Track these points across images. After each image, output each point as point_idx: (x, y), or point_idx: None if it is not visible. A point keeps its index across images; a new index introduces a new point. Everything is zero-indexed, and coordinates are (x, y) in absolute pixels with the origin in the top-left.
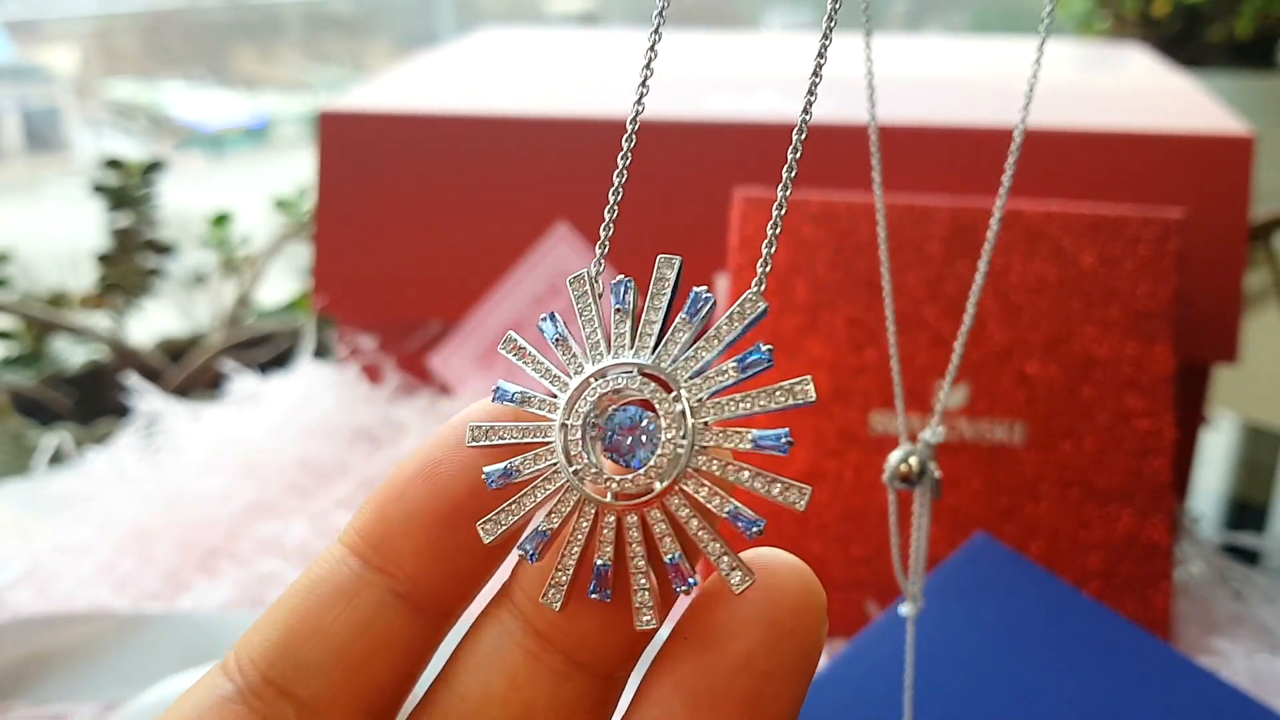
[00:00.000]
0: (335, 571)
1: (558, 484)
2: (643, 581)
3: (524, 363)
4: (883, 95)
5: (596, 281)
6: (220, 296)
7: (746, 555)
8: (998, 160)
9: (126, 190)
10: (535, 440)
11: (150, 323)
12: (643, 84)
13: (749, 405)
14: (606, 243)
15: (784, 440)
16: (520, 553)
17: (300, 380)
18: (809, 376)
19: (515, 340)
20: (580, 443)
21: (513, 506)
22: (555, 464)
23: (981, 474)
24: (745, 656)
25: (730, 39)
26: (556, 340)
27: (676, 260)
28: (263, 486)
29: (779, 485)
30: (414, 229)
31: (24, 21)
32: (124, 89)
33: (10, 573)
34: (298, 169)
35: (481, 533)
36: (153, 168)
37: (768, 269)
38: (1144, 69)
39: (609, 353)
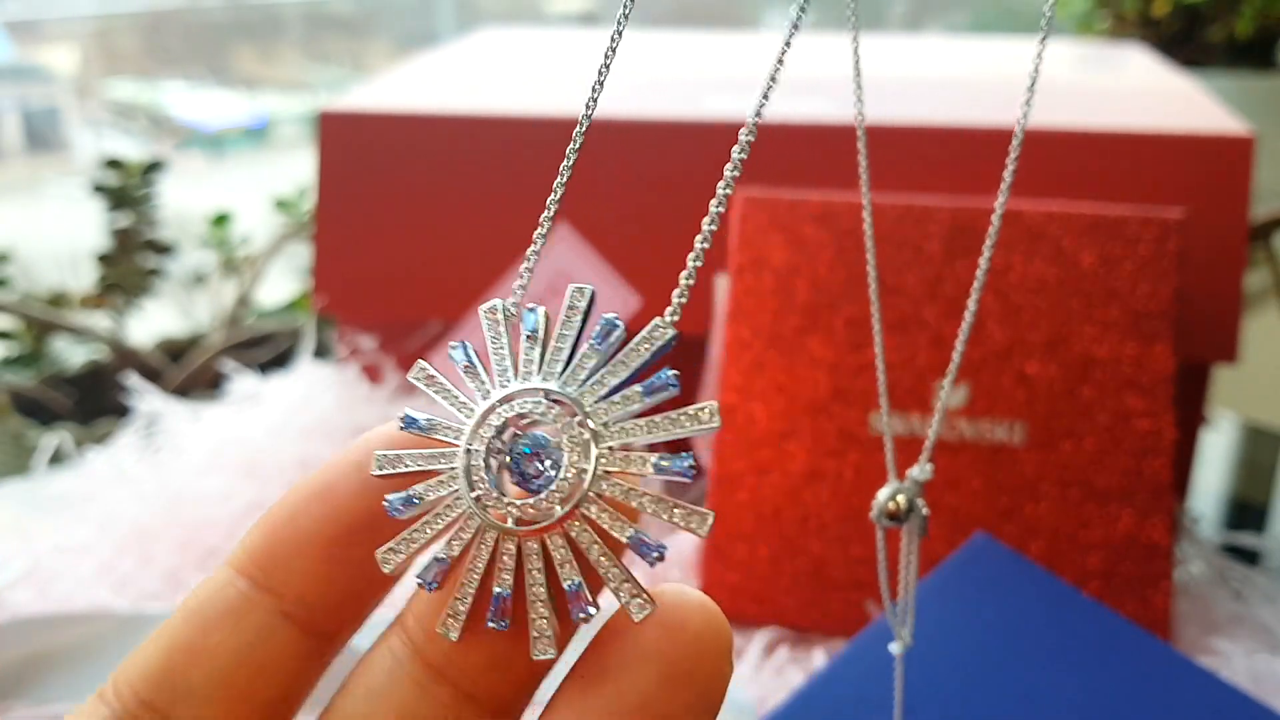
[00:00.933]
0: (221, 593)
1: (459, 510)
2: (541, 610)
3: (433, 390)
4: (883, 95)
5: (510, 311)
6: (220, 296)
7: (653, 590)
8: (998, 160)
9: (126, 190)
10: (440, 467)
11: (150, 323)
12: (597, 83)
13: (653, 431)
14: (527, 272)
15: (687, 465)
16: (418, 582)
17: (300, 380)
18: (714, 403)
19: (425, 369)
20: (483, 468)
21: (413, 535)
22: (456, 490)
23: (981, 474)
24: (642, 697)
25: (730, 39)
26: (466, 368)
27: (589, 289)
28: (263, 486)
29: (680, 511)
30: (414, 229)
31: (24, 21)
32: (124, 89)
33: (10, 573)
34: (298, 169)
35: (381, 562)
36: (153, 168)
37: (692, 281)
38: (1144, 69)
39: (516, 378)
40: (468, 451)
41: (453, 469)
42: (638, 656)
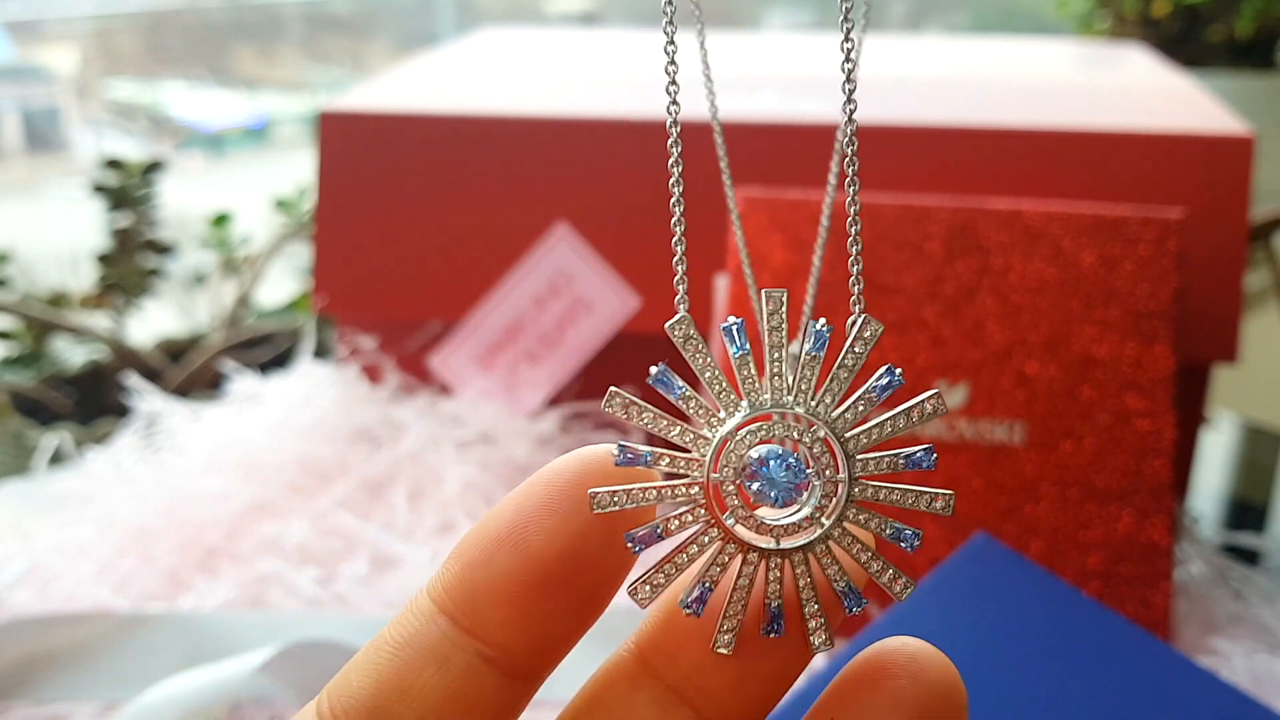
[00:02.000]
0: (426, 630)
1: (712, 538)
2: (815, 608)
3: (640, 419)
4: (883, 95)
5: (694, 326)
6: (220, 296)
7: (888, 644)
8: (998, 160)
9: (126, 190)
10: (672, 499)
11: (150, 323)
12: (671, 84)
13: (892, 429)
14: (681, 284)
15: (931, 453)
16: (687, 611)
17: (300, 380)
18: (938, 391)
19: (622, 397)
20: (734, 494)
21: (667, 567)
22: (709, 519)
23: (981, 474)
24: None
25: (730, 39)
26: (681, 397)
27: (783, 294)
28: (263, 486)
29: (927, 497)
30: (414, 229)
31: (24, 21)
32: (124, 89)
33: (10, 573)
34: (298, 169)
35: (635, 596)
36: (153, 168)
37: (861, 286)
38: (1144, 69)
39: (742, 399)
40: (710, 478)
41: (694, 497)
42: (887, 704)
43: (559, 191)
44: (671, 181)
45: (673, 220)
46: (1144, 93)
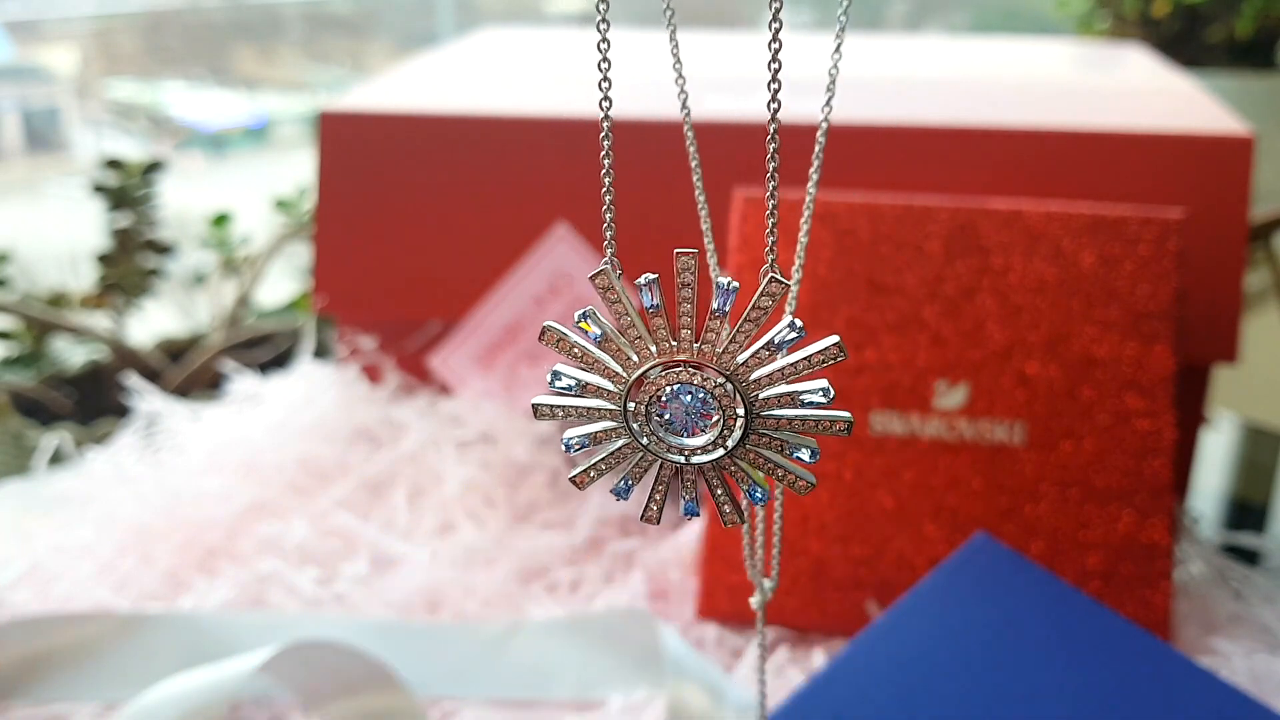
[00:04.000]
0: None
1: (635, 449)
2: (723, 497)
3: (570, 352)
4: (883, 95)
5: (618, 278)
6: (220, 296)
7: None
8: (998, 160)
9: (126, 190)
10: (599, 419)
11: (150, 323)
12: (603, 79)
13: (791, 370)
14: (613, 241)
15: (828, 393)
16: (618, 497)
17: (300, 380)
18: (836, 337)
19: (555, 329)
20: (646, 421)
21: (601, 466)
22: (629, 441)
23: (981, 474)
24: None
25: (730, 39)
26: (603, 339)
27: (693, 254)
28: (263, 486)
29: (826, 421)
30: (414, 229)
31: (24, 21)
32: (124, 89)
33: (10, 573)
34: (298, 169)
35: (578, 484)
36: (153, 168)
37: (774, 256)
38: (1144, 69)
39: (652, 344)
40: (625, 411)
41: (616, 419)
42: None
43: (559, 191)
44: (602, 136)
45: (601, 171)
46: (1144, 93)
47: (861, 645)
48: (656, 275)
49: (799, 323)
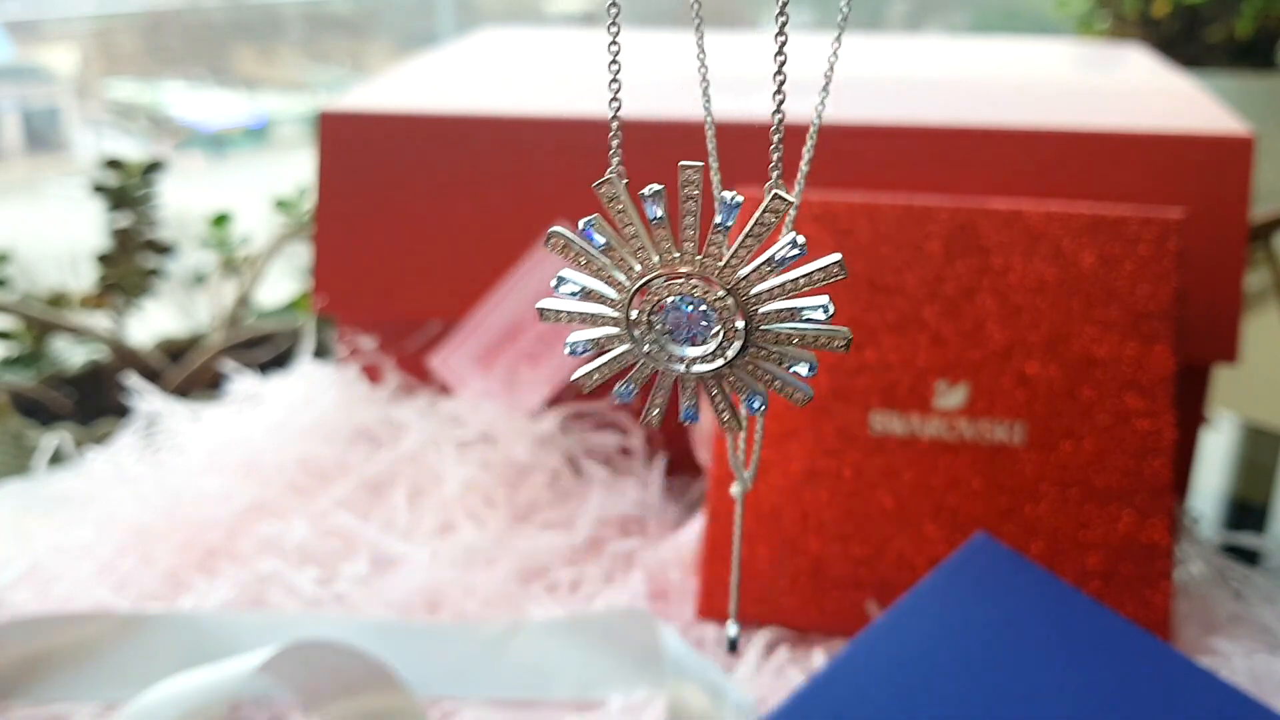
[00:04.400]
0: None
1: (636, 356)
2: (722, 404)
3: (577, 259)
4: (883, 95)
5: (625, 190)
6: (220, 296)
7: None
8: (998, 160)
9: (126, 190)
10: (603, 327)
11: (150, 323)
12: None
13: (791, 286)
14: (619, 150)
15: (828, 309)
16: (621, 399)
17: (300, 380)
18: (838, 255)
19: (561, 235)
20: (647, 329)
21: (604, 368)
22: (630, 348)
23: (981, 474)
24: None
25: (730, 39)
26: (606, 247)
27: (699, 166)
28: (263, 486)
29: (826, 335)
30: (414, 229)
31: (24, 21)
32: (124, 89)
33: (10, 573)
34: (298, 169)
35: (581, 385)
36: (153, 168)
37: (779, 170)
38: (1144, 69)
39: (655, 255)
40: (629, 314)
41: (617, 329)
42: None
43: (559, 191)
44: (612, 81)
45: (610, 99)
46: (1144, 93)
47: (861, 645)
48: (662, 186)
49: (801, 239)
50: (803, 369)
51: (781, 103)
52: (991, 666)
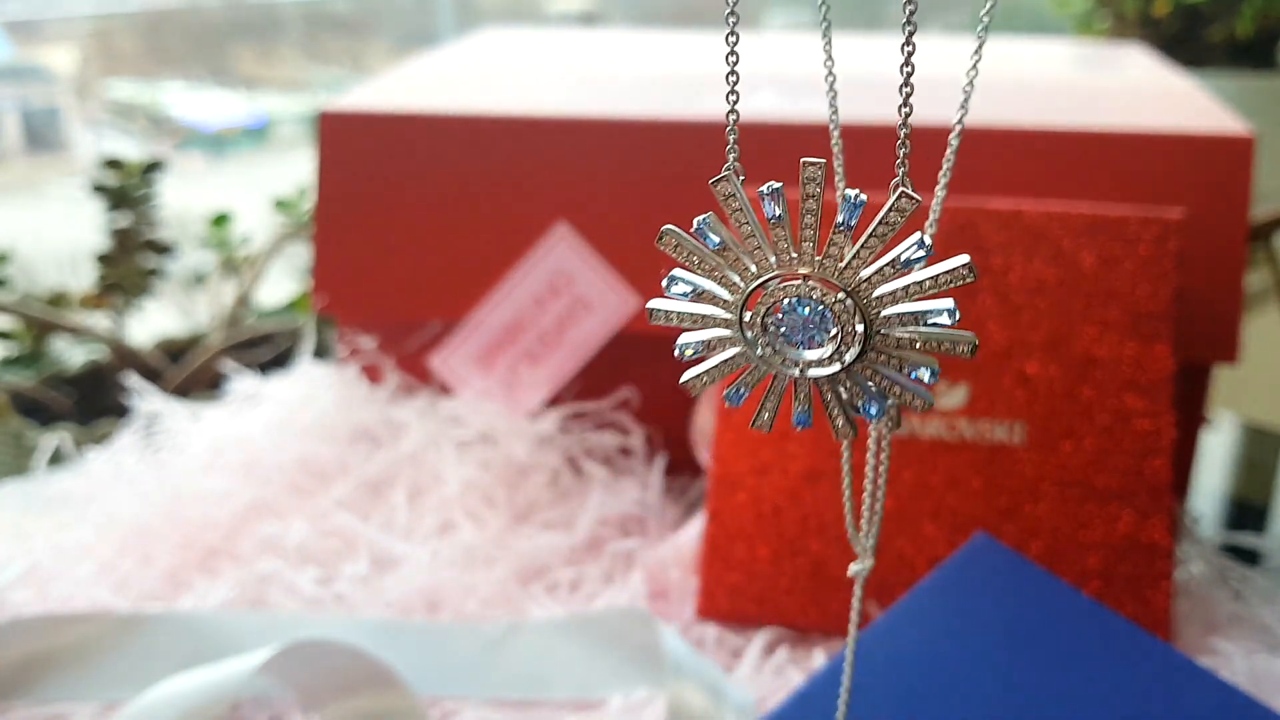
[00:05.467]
0: None
1: (749, 359)
2: (836, 411)
3: (689, 259)
4: (883, 95)
5: (740, 187)
6: (220, 296)
7: None
8: (998, 160)
9: (126, 190)
10: (715, 329)
11: (150, 323)
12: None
13: (918, 294)
14: (736, 146)
15: (953, 314)
16: (730, 403)
17: (300, 380)
18: (966, 257)
19: (674, 234)
20: (762, 332)
21: (712, 372)
22: (744, 350)
23: (981, 474)
24: None
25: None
26: (721, 247)
27: (821, 163)
28: (263, 486)
29: (949, 341)
30: (414, 229)
31: (24, 21)
32: (124, 89)
33: (10, 573)
34: (298, 169)
35: (690, 390)
36: (153, 168)
37: (906, 168)
38: (1144, 69)
39: (772, 255)
40: (743, 318)
41: (729, 332)
42: None
43: (559, 191)
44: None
45: (728, 93)
46: (1144, 93)
47: (861, 645)
48: (780, 185)
49: (928, 240)
50: (925, 374)
51: (909, 107)
52: (991, 666)
